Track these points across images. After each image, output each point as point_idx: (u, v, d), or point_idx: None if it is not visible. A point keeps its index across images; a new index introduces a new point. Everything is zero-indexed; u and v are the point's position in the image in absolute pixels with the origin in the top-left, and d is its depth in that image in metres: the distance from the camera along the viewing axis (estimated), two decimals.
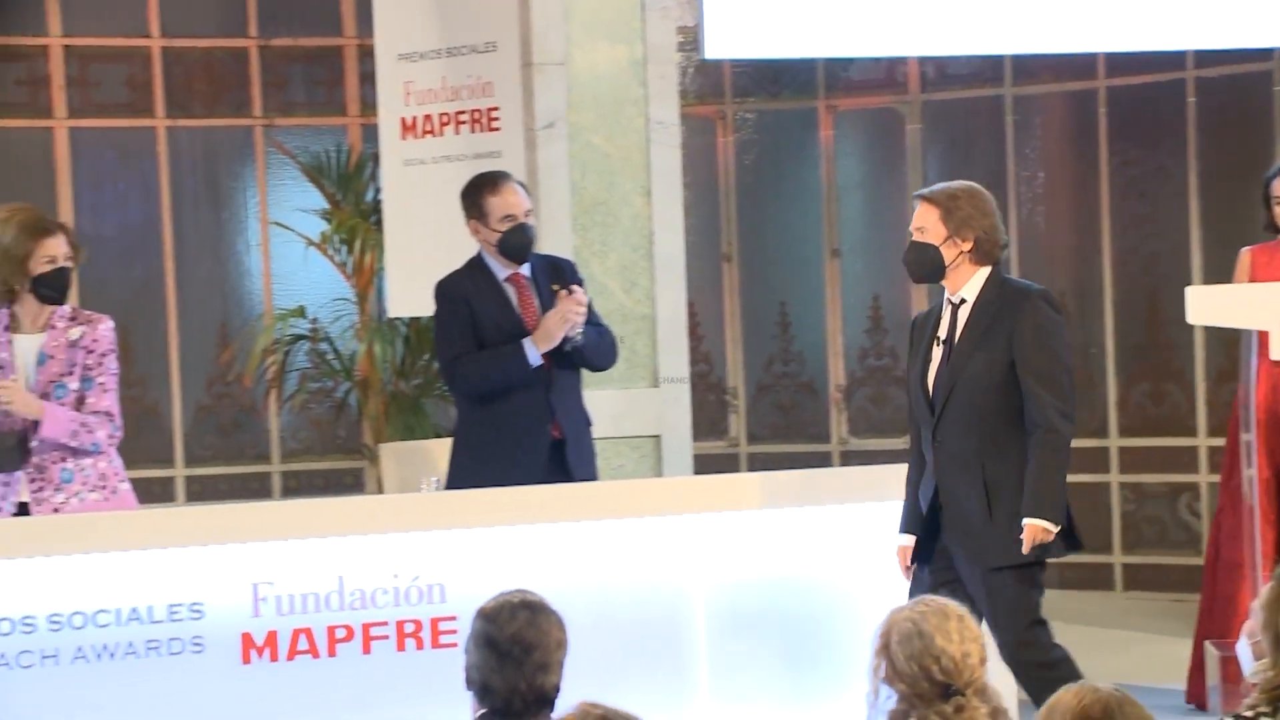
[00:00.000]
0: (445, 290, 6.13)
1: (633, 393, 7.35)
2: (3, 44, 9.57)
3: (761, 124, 9.99)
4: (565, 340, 5.99)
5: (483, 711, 3.72)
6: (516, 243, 6.03)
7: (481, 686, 3.70)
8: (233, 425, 9.87)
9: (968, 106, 9.71)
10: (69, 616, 5.14)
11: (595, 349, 6.11)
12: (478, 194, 6.09)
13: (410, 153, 7.59)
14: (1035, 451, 5.07)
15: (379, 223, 8.49)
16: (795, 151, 9.93)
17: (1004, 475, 5.13)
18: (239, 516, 5.60)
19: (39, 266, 5.54)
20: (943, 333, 5.24)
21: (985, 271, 5.17)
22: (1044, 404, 5.05)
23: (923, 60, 9.55)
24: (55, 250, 5.58)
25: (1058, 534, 5.09)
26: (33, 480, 5.58)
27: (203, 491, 9.65)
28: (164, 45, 9.68)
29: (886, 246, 9.35)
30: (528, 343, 5.96)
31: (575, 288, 6.04)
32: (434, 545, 5.44)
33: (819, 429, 9.90)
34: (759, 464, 9.63)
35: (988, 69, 9.53)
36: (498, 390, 5.99)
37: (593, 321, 6.12)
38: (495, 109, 7.37)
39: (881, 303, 9.82)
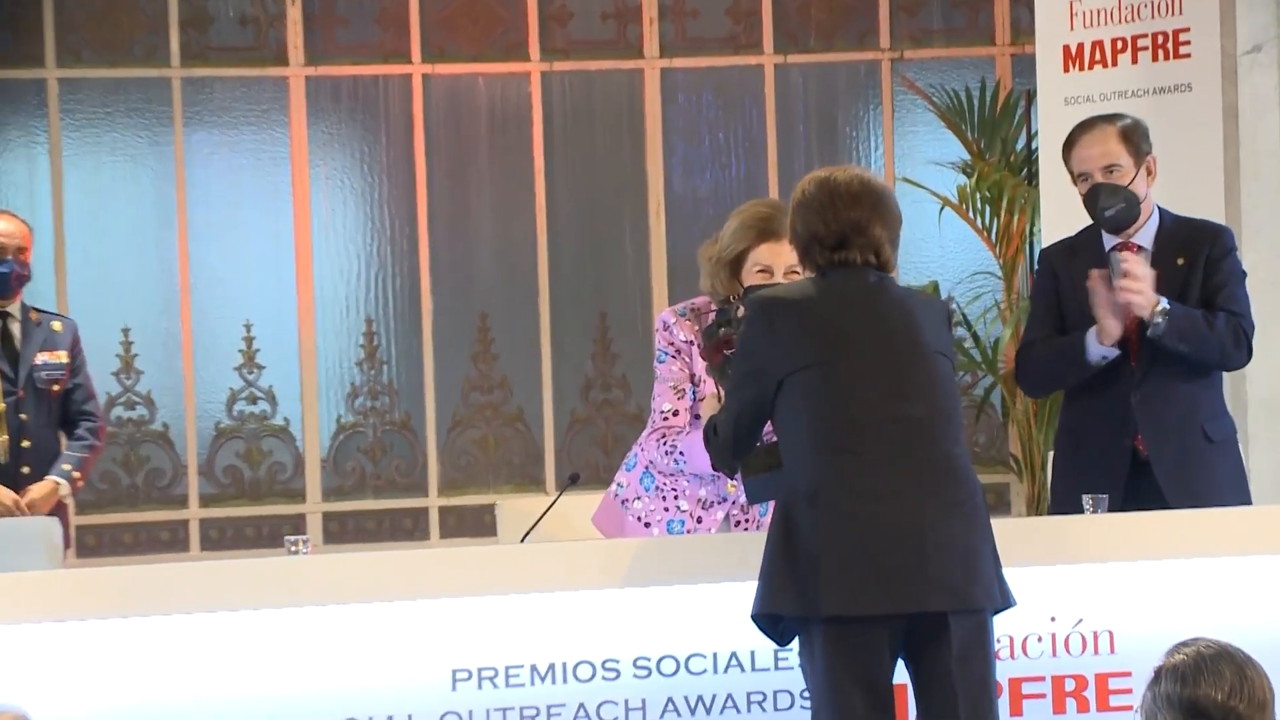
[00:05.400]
0: (1040, 262, 5.85)
1: None
2: None
3: None
4: (1145, 327, 5.47)
5: None
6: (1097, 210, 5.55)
7: None
8: None
9: None
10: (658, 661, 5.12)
11: (1184, 336, 5.44)
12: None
13: (1075, 88, 7.60)
14: None
15: (1032, 177, 8.47)
16: None
17: None
18: None
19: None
20: None
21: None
22: None
23: None
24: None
25: None
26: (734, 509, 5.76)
27: None
28: None
29: None
30: (1091, 333, 5.53)
31: (1128, 256, 5.50)
32: (1097, 581, 5.08)
33: None
34: None
35: None
36: (1054, 387, 5.87)
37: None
38: (1185, 30, 7.39)
39: None
